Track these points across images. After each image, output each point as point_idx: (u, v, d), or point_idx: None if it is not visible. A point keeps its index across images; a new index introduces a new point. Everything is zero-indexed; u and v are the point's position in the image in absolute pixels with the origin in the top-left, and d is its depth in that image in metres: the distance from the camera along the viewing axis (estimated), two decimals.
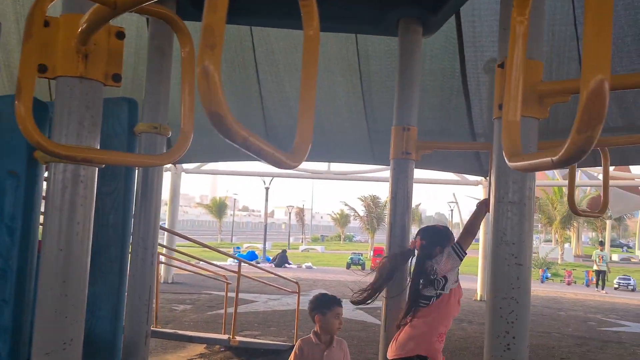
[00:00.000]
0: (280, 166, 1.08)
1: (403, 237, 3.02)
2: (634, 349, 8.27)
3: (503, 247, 1.74)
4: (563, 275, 22.22)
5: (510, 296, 1.71)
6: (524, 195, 1.74)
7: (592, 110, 0.70)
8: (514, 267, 1.72)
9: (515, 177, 1.74)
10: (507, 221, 1.74)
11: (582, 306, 13.32)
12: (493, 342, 1.74)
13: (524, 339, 1.72)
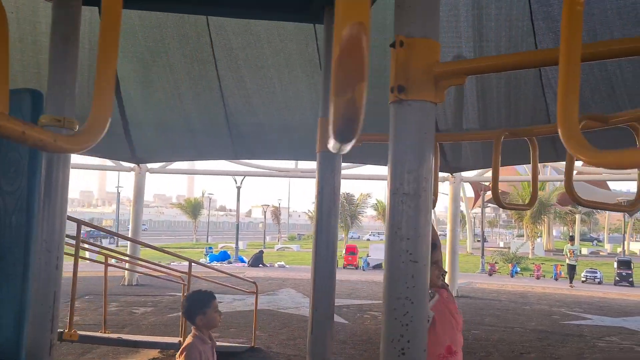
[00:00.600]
0: (64, 150, 0.92)
1: (330, 235, 2.88)
2: (594, 342, 8.30)
3: (397, 242, 1.59)
4: (532, 270, 22.43)
5: (404, 296, 1.57)
6: (419, 186, 1.60)
7: (347, 65, 0.55)
8: (409, 264, 1.57)
9: (411, 166, 1.60)
10: (402, 214, 1.59)
11: (547, 300, 13.41)
12: (387, 346, 1.59)
13: (421, 343, 1.58)
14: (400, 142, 1.62)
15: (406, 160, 1.60)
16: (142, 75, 9.60)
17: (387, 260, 1.63)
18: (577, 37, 1.01)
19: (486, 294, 14.43)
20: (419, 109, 1.60)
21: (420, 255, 1.59)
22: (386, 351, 1.60)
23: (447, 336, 2.71)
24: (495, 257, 25.92)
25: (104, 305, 6.25)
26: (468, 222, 41.50)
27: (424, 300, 1.61)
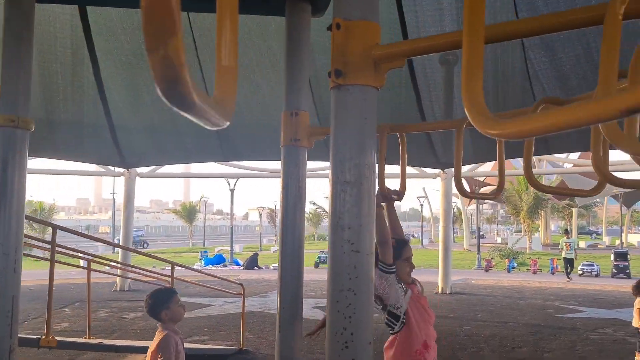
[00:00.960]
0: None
1: (296, 231, 2.82)
2: (587, 335, 8.25)
3: (339, 232, 1.54)
4: (529, 265, 22.39)
5: (347, 288, 1.51)
6: (361, 174, 1.54)
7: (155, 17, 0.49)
8: (351, 254, 1.51)
9: (352, 153, 1.54)
10: (343, 203, 1.53)
11: (542, 294, 13.36)
12: (331, 340, 1.54)
13: (365, 336, 1.52)
14: (340, 128, 1.57)
15: (347, 147, 1.55)
16: (126, 78, 9.52)
17: (330, 251, 1.57)
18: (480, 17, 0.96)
19: (481, 289, 14.38)
20: (359, 94, 1.54)
21: (362, 245, 1.53)
22: (330, 345, 1.54)
23: (423, 332, 2.66)
24: (492, 253, 25.88)
25: (88, 310, 6.18)
26: (464, 219, 41.46)
27: (368, 292, 1.55)
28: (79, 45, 8.70)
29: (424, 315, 2.75)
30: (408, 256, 2.73)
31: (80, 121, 10.50)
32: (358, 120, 1.54)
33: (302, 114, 2.79)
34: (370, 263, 1.55)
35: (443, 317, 9.77)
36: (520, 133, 0.83)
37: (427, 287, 13.86)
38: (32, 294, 12.81)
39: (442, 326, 8.82)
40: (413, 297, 2.73)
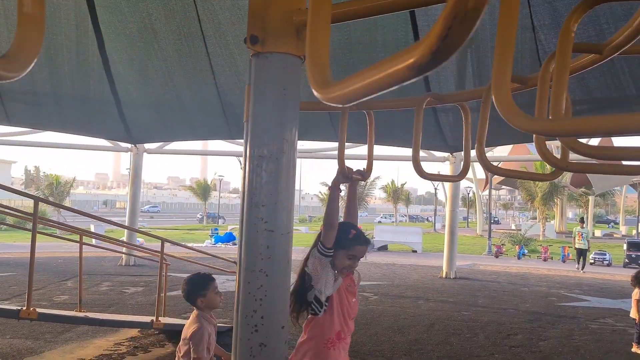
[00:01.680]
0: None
1: None
2: (586, 324, 8.10)
3: (253, 209, 1.45)
4: (540, 252, 22.14)
5: (259, 268, 1.43)
6: (279, 148, 1.44)
7: None
8: (264, 233, 1.43)
9: (269, 126, 1.44)
10: (258, 179, 1.44)
11: (548, 282, 13.18)
12: (241, 323, 1.46)
13: (278, 320, 1.44)
14: (258, 100, 1.47)
15: (264, 120, 1.45)
16: (131, 53, 9.42)
17: (244, 230, 1.49)
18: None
19: (486, 275, 14.24)
20: (278, 62, 1.44)
21: (277, 224, 1.44)
22: (240, 327, 1.47)
23: (340, 322, 2.57)
24: (503, 239, 25.62)
25: (79, 284, 6.22)
26: (478, 204, 41.08)
27: (283, 274, 1.46)
28: (83, 17, 8.63)
29: (346, 308, 2.63)
30: (354, 254, 2.59)
31: (86, 96, 10.49)
32: (277, 91, 1.44)
33: None
34: (286, 243, 1.46)
35: (442, 301, 9.69)
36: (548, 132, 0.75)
37: (433, 271, 13.82)
38: (38, 266, 13.04)
39: (440, 311, 8.76)
40: (342, 287, 2.62)
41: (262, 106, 1.44)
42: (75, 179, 47.03)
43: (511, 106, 0.90)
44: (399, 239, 23.60)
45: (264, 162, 1.43)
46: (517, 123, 0.90)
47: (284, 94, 1.43)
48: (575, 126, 0.86)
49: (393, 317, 7.99)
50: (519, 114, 0.89)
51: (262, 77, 1.44)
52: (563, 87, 1.14)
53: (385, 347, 6.42)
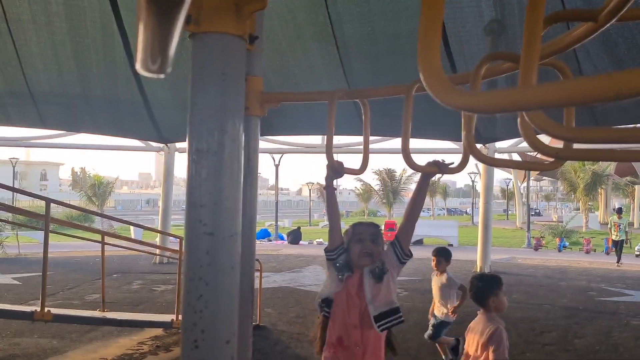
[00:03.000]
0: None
1: (247, 208, 2.58)
2: (627, 320, 7.67)
3: (192, 210, 1.30)
4: (582, 244, 21.34)
5: (198, 277, 1.28)
6: (219, 141, 1.29)
7: None
8: (204, 237, 1.28)
9: (208, 116, 1.29)
10: (196, 176, 1.29)
11: (588, 275, 12.62)
12: (183, 336, 1.31)
13: (221, 334, 1.28)
14: (195, 86, 1.31)
15: (202, 109, 1.30)
16: None
17: (185, 234, 1.34)
18: None
19: (523, 269, 13.76)
20: (215, 43, 1.28)
21: (219, 227, 1.28)
22: (183, 343, 1.32)
23: (340, 327, 2.37)
24: (543, 231, 24.84)
25: (102, 284, 6.24)
26: (517, 196, 40.02)
27: (229, 283, 1.31)
28: (108, 19, 8.69)
29: (345, 314, 2.40)
30: (359, 238, 2.42)
31: (116, 97, 10.61)
32: (214, 77, 1.28)
33: (253, 79, 2.52)
34: (231, 248, 1.30)
35: None
36: (486, 107, 0.60)
37: (467, 266, 13.43)
38: (74, 265, 13.34)
39: (470, 307, 8.41)
40: (346, 292, 2.40)
41: (199, 94, 1.29)
42: (118, 178, 48.26)
43: (440, 78, 0.72)
44: (435, 233, 23.19)
45: (202, 157, 1.28)
46: (446, 98, 0.72)
47: (223, 79, 1.27)
48: (519, 98, 0.67)
49: (422, 313, 7.73)
50: (448, 88, 0.71)
51: (198, 61, 1.29)
52: (533, 51, 0.94)
53: (411, 345, 6.21)
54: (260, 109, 2.59)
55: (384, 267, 2.41)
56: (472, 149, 1.68)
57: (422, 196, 2.45)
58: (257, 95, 2.56)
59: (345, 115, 9.25)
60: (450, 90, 0.71)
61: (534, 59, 0.99)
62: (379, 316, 2.33)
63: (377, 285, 2.37)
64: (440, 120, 9.99)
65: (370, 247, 2.43)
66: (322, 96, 2.67)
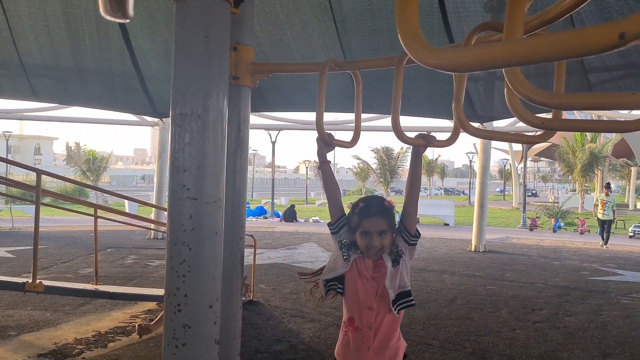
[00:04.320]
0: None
1: (237, 180, 2.57)
2: (617, 299, 7.75)
3: (175, 175, 1.29)
4: (577, 225, 21.47)
5: (181, 241, 1.27)
6: (203, 105, 1.27)
7: None
8: (187, 202, 1.27)
9: (191, 80, 1.27)
10: (179, 140, 1.28)
11: (581, 255, 12.72)
12: (166, 301, 1.31)
13: (204, 298, 1.29)
14: (179, 49, 1.29)
15: (186, 72, 1.28)
16: (150, 25, 9.34)
17: (168, 199, 1.33)
18: None
19: (517, 249, 13.85)
20: (198, 6, 1.25)
21: (203, 192, 1.27)
22: (166, 306, 1.32)
23: (352, 309, 2.34)
24: (539, 212, 24.96)
25: (95, 259, 6.25)
26: (514, 176, 40.10)
27: (212, 248, 1.30)
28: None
29: (356, 295, 2.36)
30: (365, 230, 2.28)
31: (109, 70, 10.51)
32: (197, 40, 1.26)
33: (243, 48, 2.49)
34: (214, 213, 1.30)
35: (468, 275, 9.46)
36: (460, 65, 0.59)
37: (462, 245, 13.53)
38: (69, 239, 13.36)
39: (464, 285, 8.53)
40: (354, 271, 2.36)
41: (182, 57, 1.27)
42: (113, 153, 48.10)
43: (417, 37, 0.70)
44: (431, 212, 23.27)
45: (185, 120, 1.26)
46: (424, 57, 0.70)
47: (207, 42, 1.25)
48: (495, 54, 0.66)
49: (415, 291, 7.76)
50: (426, 47, 0.69)
51: (181, 23, 1.26)
52: (517, 11, 0.92)
53: (403, 322, 6.25)
54: (251, 79, 2.56)
55: (398, 250, 2.37)
56: (462, 120, 1.67)
57: (418, 175, 2.40)
58: (248, 65, 2.53)
59: (343, 91, 9.19)
60: (428, 49, 0.69)
61: (518, 19, 0.97)
62: (395, 298, 2.32)
63: (394, 268, 2.34)
64: (438, 98, 9.94)
65: (377, 244, 2.30)
66: (313, 67, 2.63)
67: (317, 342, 5.34)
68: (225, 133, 1.33)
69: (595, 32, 0.53)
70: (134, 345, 5.16)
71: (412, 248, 2.40)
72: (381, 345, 2.34)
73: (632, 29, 0.52)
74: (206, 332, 1.27)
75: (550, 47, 0.56)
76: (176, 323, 1.27)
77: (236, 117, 2.54)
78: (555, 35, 0.56)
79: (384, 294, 2.31)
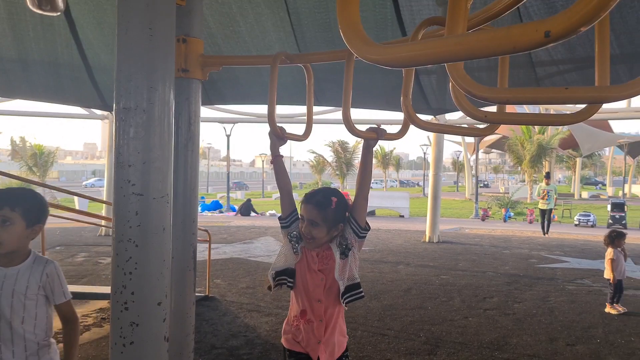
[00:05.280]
0: None
1: (188, 174, 2.53)
2: (563, 285, 8.08)
3: (119, 170, 1.26)
4: (526, 214, 22.23)
5: (127, 238, 1.24)
6: (147, 97, 1.24)
7: None
8: (133, 198, 1.24)
9: (134, 72, 1.24)
10: (123, 135, 1.25)
11: (530, 244, 13.19)
12: (113, 299, 1.29)
13: (152, 296, 1.26)
14: (122, 41, 1.25)
15: (129, 64, 1.24)
16: (97, 16, 9.05)
17: (113, 194, 1.30)
18: None
19: (469, 239, 14.23)
20: (143, 0, 1.22)
21: (149, 187, 1.25)
22: (112, 305, 1.29)
23: (302, 302, 2.36)
24: (490, 203, 25.70)
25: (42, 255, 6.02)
26: (466, 167, 41.10)
27: (160, 244, 1.28)
28: None
29: (306, 287, 2.37)
30: (301, 213, 2.34)
31: (55, 62, 10.14)
32: (140, 31, 1.23)
33: (192, 40, 2.45)
34: (162, 209, 1.27)
35: (422, 266, 9.65)
36: (398, 61, 0.57)
37: (417, 236, 13.79)
38: None
39: (419, 275, 8.71)
40: (303, 262, 2.37)
41: (126, 50, 1.23)
42: (60, 148, 46.50)
43: (358, 33, 0.70)
44: (386, 204, 23.59)
45: (129, 114, 1.23)
46: (364, 52, 0.70)
47: (151, 34, 1.22)
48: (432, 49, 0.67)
49: (370, 282, 7.91)
50: (366, 42, 0.69)
51: (124, 17, 1.23)
52: (458, 5, 0.94)
53: (359, 312, 6.34)
54: (201, 72, 2.52)
55: (347, 243, 2.40)
56: (410, 114, 1.70)
57: (369, 168, 2.42)
58: (197, 57, 2.49)
59: (297, 84, 9.16)
60: (368, 44, 0.70)
61: (459, 14, 0.98)
62: (344, 291, 2.34)
63: (343, 260, 2.36)
64: (392, 91, 10.05)
65: (306, 230, 2.32)
66: (264, 60, 2.61)
67: (274, 336, 5.34)
68: (172, 127, 1.30)
69: (522, 31, 0.55)
70: (84, 345, 5.02)
71: (362, 241, 2.44)
72: (330, 337, 2.37)
73: (557, 28, 0.54)
74: (154, 329, 1.25)
75: (480, 44, 0.57)
76: (123, 321, 1.24)
77: (186, 111, 2.50)
78: (485, 33, 0.57)
79: (332, 286, 2.34)
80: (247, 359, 4.67)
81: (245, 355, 4.74)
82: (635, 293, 7.64)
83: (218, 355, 4.77)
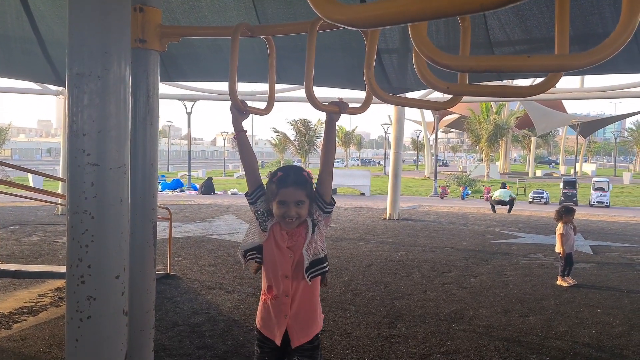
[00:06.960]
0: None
1: (147, 149, 2.47)
2: (517, 260, 8.35)
3: (73, 139, 1.21)
4: (483, 192, 22.77)
5: (82, 210, 1.21)
6: (103, 64, 1.20)
7: None
8: (88, 168, 1.20)
9: (88, 37, 1.19)
10: (77, 102, 1.20)
11: (486, 220, 13.56)
12: (68, 272, 1.25)
13: (109, 269, 1.24)
14: (74, 6, 1.20)
15: (81, 29, 1.19)
16: None
17: (67, 164, 1.25)
18: None
19: (429, 216, 14.51)
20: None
21: (105, 157, 1.21)
22: (67, 279, 1.26)
23: (269, 276, 2.38)
24: (449, 181, 26.20)
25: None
26: (426, 146, 41.70)
27: (117, 216, 1.25)
28: None
29: (273, 262, 2.38)
30: (282, 200, 2.28)
31: (5, 34, 9.66)
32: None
33: (150, 9, 2.36)
34: (119, 179, 1.24)
35: (383, 242, 9.80)
36: (367, 20, 0.55)
37: (378, 213, 13.97)
38: None
39: (379, 251, 8.85)
40: (271, 240, 2.37)
41: (77, 14, 1.18)
42: (12, 125, 44.72)
43: None
44: (348, 182, 23.76)
45: (84, 81, 1.18)
46: (328, 12, 0.69)
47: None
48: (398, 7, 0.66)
49: (332, 259, 8.00)
50: (331, 1, 0.68)
51: None
52: None
53: (321, 288, 6.39)
54: (159, 43, 2.45)
55: (314, 219, 2.39)
56: (372, 86, 1.69)
57: (332, 143, 2.41)
58: (155, 27, 2.41)
59: (259, 61, 9.03)
60: (332, 3, 0.68)
61: None
62: (309, 266, 2.34)
63: (311, 236, 2.36)
64: (354, 69, 10.03)
65: (294, 213, 2.31)
66: (225, 31, 2.55)
67: (237, 312, 5.34)
68: (129, 96, 1.26)
69: None
70: (41, 325, 4.91)
71: (328, 216, 2.43)
72: (298, 312, 2.38)
73: None
74: (112, 303, 1.23)
75: (447, 1, 0.57)
76: (80, 295, 1.21)
77: (144, 83, 2.43)
78: None
79: (300, 261, 2.34)
80: (209, 335, 4.66)
81: (208, 332, 4.73)
82: (585, 266, 7.97)
83: (180, 332, 4.75)
